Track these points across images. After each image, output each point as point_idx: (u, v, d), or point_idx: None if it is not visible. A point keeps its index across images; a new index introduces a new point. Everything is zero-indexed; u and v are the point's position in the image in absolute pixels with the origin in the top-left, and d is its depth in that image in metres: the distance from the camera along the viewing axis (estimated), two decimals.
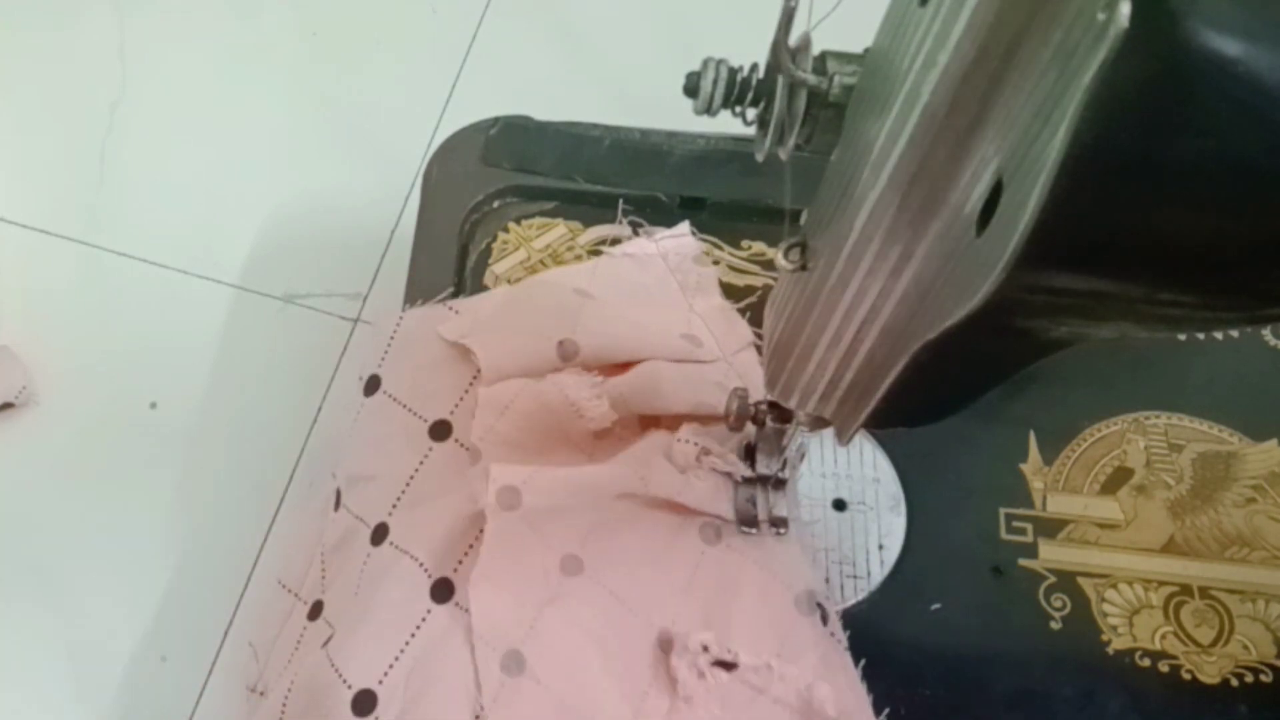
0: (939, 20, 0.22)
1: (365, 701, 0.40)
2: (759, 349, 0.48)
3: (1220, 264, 0.21)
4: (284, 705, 0.43)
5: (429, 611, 0.41)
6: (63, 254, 0.62)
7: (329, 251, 0.62)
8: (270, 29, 0.71)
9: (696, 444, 0.42)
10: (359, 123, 0.67)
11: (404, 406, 0.46)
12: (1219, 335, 0.48)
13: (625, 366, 0.45)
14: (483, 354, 0.45)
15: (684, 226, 0.51)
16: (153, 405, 0.58)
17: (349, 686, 0.40)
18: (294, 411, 0.57)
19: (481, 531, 0.42)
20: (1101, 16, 0.17)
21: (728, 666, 0.40)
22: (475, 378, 0.46)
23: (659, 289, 0.49)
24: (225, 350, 0.60)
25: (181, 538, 0.54)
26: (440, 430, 0.45)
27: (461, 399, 0.46)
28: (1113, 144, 0.18)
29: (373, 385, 0.48)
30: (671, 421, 0.44)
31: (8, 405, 0.57)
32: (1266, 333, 0.49)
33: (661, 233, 0.51)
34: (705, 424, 0.44)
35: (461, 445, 0.45)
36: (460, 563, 0.42)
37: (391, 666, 0.41)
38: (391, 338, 0.48)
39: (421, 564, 0.42)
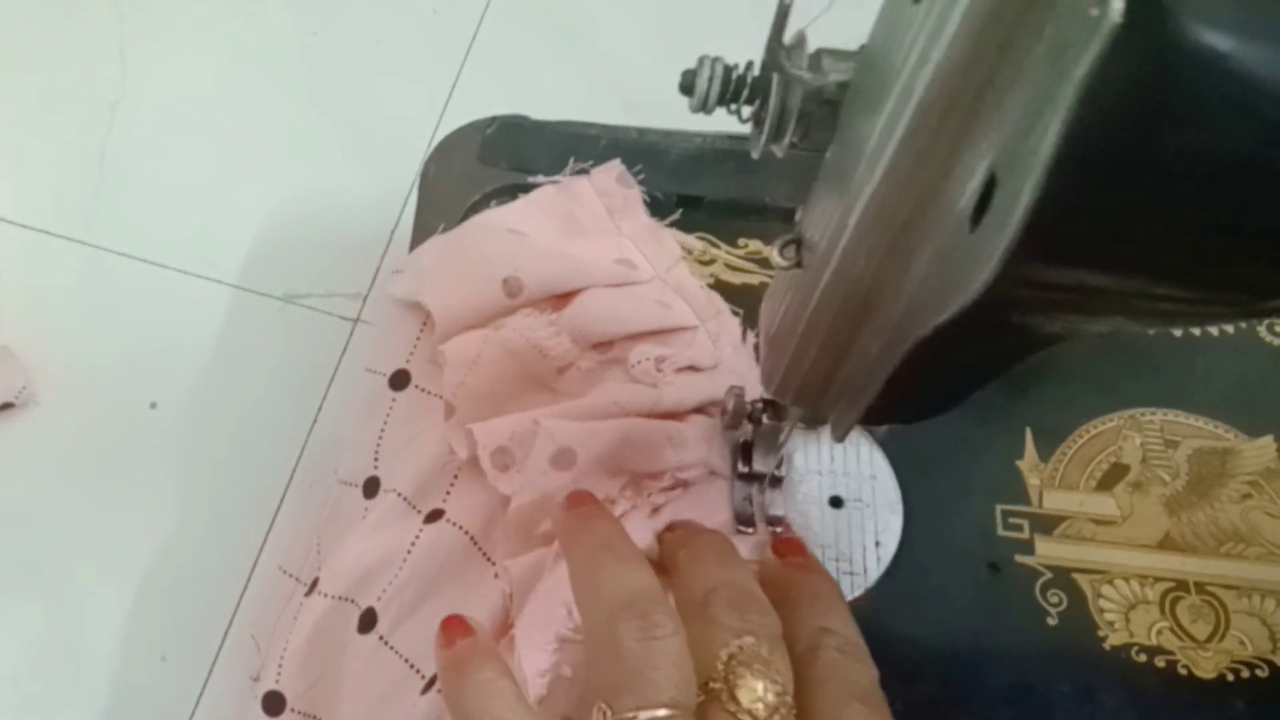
0: (933, 17, 0.22)
1: (366, 618, 0.42)
2: (756, 347, 0.48)
3: (1215, 258, 0.21)
4: (286, 641, 0.44)
5: (421, 530, 0.43)
6: (63, 254, 0.62)
7: (329, 251, 0.62)
8: (270, 29, 0.71)
9: (650, 358, 0.43)
10: (359, 123, 0.67)
11: (369, 371, 0.48)
12: (1214, 331, 0.48)
13: (570, 296, 0.46)
14: (434, 304, 0.46)
15: (614, 163, 0.51)
16: (153, 405, 0.58)
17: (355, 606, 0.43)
18: (294, 411, 0.58)
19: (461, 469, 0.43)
20: (1094, 12, 0.17)
21: None
22: (425, 324, 0.47)
23: (586, 216, 0.50)
24: (225, 350, 0.60)
25: (181, 537, 0.55)
26: (399, 379, 0.47)
27: (415, 347, 0.47)
28: (1105, 139, 0.18)
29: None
30: (625, 343, 0.46)
31: (8, 405, 0.57)
32: (1262, 329, 0.49)
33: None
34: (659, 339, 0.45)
35: (421, 390, 0.46)
36: (448, 494, 0.43)
37: (390, 583, 0.42)
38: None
39: (405, 498, 0.44)
